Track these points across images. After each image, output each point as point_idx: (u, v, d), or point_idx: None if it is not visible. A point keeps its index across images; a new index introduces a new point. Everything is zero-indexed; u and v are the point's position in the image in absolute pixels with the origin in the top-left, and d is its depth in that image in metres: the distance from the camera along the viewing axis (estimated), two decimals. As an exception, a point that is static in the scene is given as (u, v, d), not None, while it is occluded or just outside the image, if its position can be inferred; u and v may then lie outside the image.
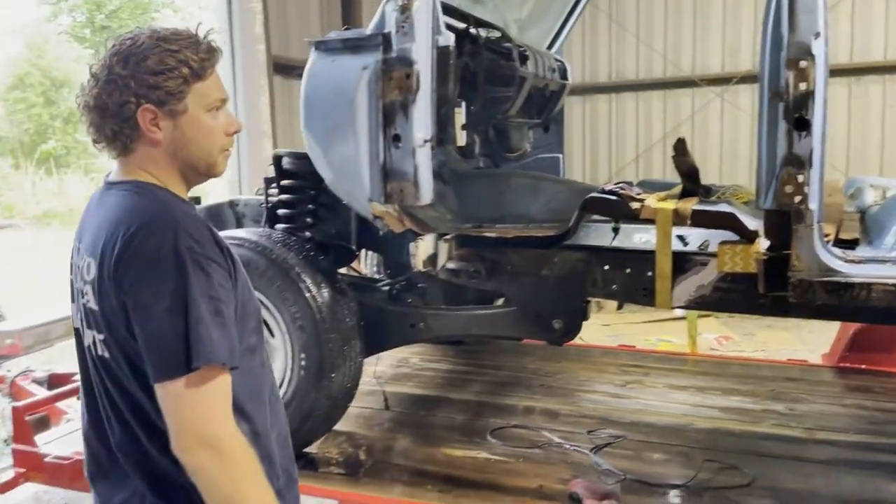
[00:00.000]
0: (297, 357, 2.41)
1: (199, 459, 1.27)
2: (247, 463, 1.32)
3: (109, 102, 1.36)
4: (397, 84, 2.27)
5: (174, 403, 1.28)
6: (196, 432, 1.28)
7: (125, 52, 1.37)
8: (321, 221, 2.84)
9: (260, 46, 5.80)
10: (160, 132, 1.38)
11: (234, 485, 1.30)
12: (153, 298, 1.28)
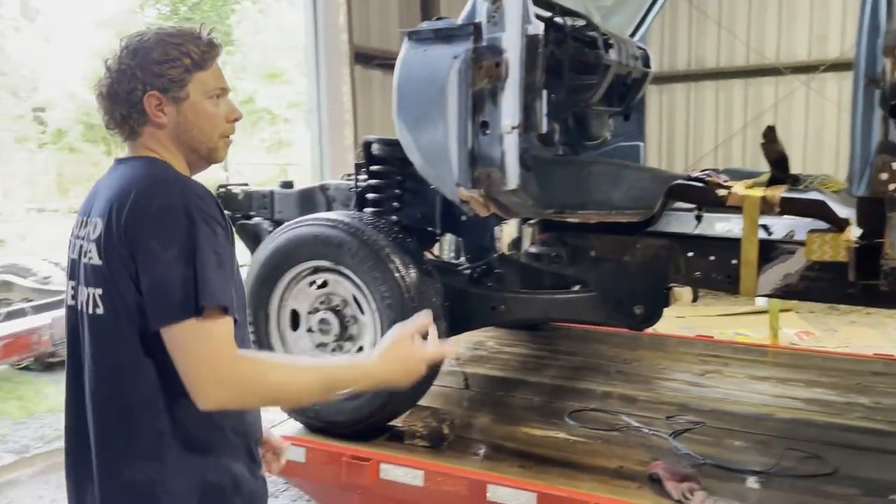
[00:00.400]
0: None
1: (219, 398, 1.35)
2: (265, 374, 1.38)
3: (119, 90, 1.48)
4: (487, 72, 2.34)
5: (184, 346, 1.35)
6: (208, 376, 1.34)
7: (133, 46, 1.49)
8: (407, 205, 2.96)
9: (343, 37, 5.96)
10: (165, 117, 1.49)
11: (271, 394, 1.40)
12: (162, 247, 1.37)
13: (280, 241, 2.71)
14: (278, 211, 3.35)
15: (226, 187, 3.46)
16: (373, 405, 2.55)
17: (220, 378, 1.34)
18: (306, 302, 2.74)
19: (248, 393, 1.38)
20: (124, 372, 1.43)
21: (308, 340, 2.74)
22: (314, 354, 2.72)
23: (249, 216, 3.41)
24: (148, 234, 1.39)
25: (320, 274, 2.71)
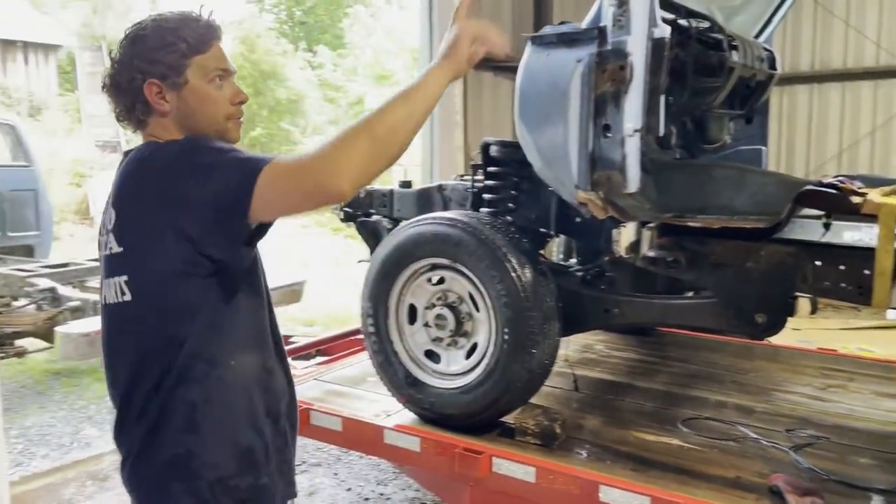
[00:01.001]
0: (501, 331, 2.58)
1: (342, 182, 1.35)
2: (345, 141, 1.37)
3: (121, 81, 1.51)
4: (611, 76, 2.35)
5: (281, 186, 1.37)
6: (312, 184, 1.36)
7: (132, 35, 1.53)
8: (522, 206, 3.00)
9: (456, 40, 6.06)
10: (167, 104, 1.51)
11: (376, 144, 1.38)
12: (202, 173, 1.40)
13: (401, 238, 2.82)
14: (397, 209, 3.48)
15: (348, 185, 3.61)
16: (485, 400, 2.62)
17: (318, 186, 1.36)
18: (423, 297, 2.83)
19: (356, 162, 1.36)
20: (151, 354, 1.46)
21: (424, 335, 2.83)
22: (430, 349, 2.82)
23: (369, 213, 3.56)
24: (179, 179, 1.41)
25: (438, 271, 2.80)
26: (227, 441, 1.50)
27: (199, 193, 1.39)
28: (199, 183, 1.40)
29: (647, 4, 2.30)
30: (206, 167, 1.41)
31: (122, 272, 1.47)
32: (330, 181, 1.35)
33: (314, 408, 2.94)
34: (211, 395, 1.48)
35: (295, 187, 1.38)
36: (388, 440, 2.74)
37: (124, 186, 1.51)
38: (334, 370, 3.53)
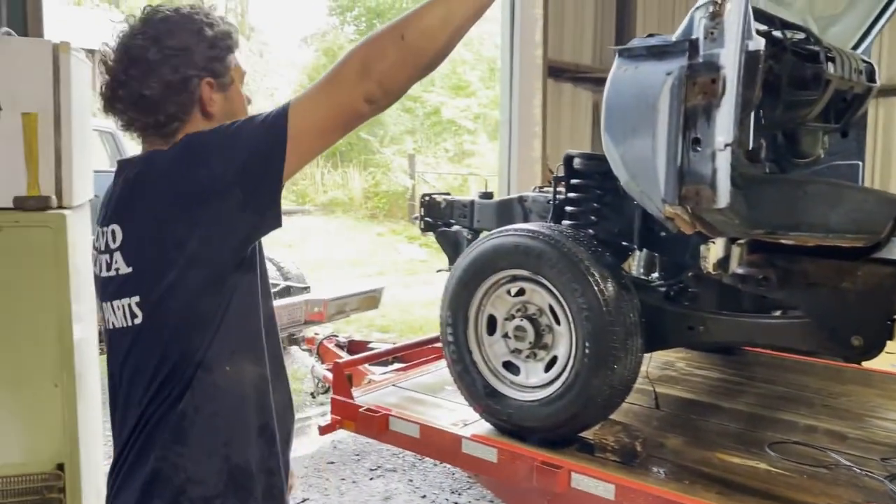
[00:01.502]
0: (582, 345, 2.56)
1: (379, 75, 1.23)
2: (370, 48, 1.24)
3: (174, 78, 1.36)
4: (702, 89, 2.31)
5: (307, 115, 1.25)
6: (341, 100, 1.24)
7: (173, 25, 1.39)
8: (605, 219, 2.98)
9: (538, 51, 6.07)
10: (215, 105, 1.41)
11: (414, 43, 1.23)
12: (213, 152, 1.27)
13: (482, 248, 2.84)
14: (477, 220, 3.50)
15: (430, 196, 3.67)
16: (565, 414, 2.60)
17: (364, 71, 1.23)
18: (503, 308, 2.84)
19: (384, 69, 1.23)
20: (168, 371, 1.34)
21: (503, 346, 2.84)
22: (508, 360, 2.82)
23: (450, 224, 3.60)
24: (191, 171, 1.28)
25: (518, 282, 2.80)
26: (216, 455, 1.36)
27: (222, 169, 1.27)
28: (220, 159, 1.27)
29: (741, 17, 2.25)
30: (221, 143, 1.28)
31: (133, 293, 1.34)
32: (358, 89, 1.23)
33: (393, 413, 2.99)
34: (203, 402, 1.35)
35: (325, 106, 1.25)
36: (465, 449, 2.76)
37: (127, 202, 1.37)
38: (412, 377, 3.58)
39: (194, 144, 1.31)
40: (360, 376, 3.68)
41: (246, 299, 1.39)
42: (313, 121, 1.26)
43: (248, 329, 1.42)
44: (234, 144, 1.27)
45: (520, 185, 6.22)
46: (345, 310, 5.18)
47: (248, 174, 1.26)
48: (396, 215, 16.88)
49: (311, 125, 1.26)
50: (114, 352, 1.42)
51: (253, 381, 1.42)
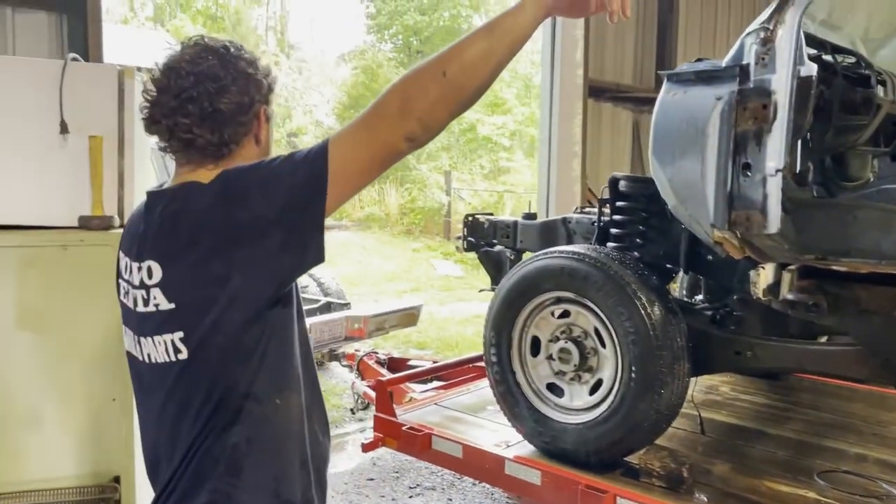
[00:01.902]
0: (628, 369, 2.55)
1: (410, 125, 1.22)
2: (412, 84, 1.24)
3: (245, 101, 1.38)
4: (752, 114, 2.31)
5: (347, 151, 1.24)
6: (382, 137, 1.23)
7: (239, 52, 1.41)
8: (650, 242, 2.97)
9: (578, 71, 6.09)
10: (264, 133, 1.43)
11: (455, 79, 1.22)
12: (259, 190, 1.25)
13: (527, 270, 2.85)
14: (520, 241, 3.52)
15: (473, 216, 3.70)
16: (609, 438, 2.59)
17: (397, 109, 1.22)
18: (547, 330, 2.85)
19: (425, 107, 1.22)
20: (214, 404, 1.33)
21: (547, 367, 2.84)
22: (552, 382, 2.82)
23: (493, 244, 3.62)
24: (240, 205, 1.27)
25: (563, 304, 2.80)
26: (268, 490, 1.37)
27: (263, 210, 1.25)
28: (261, 198, 1.26)
29: (792, 43, 2.25)
30: (262, 182, 1.27)
31: (177, 329, 1.32)
32: (399, 128, 1.22)
33: (435, 433, 3.01)
34: (254, 434, 1.34)
35: (365, 145, 1.24)
36: (508, 471, 2.76)
37: (166, 240, 1.34)
38: (453, 396, 3.59)
39: (234, 181, 1.29)
40: (402, 394, 3.71)
41: (284, 332, 1.38)
42: (353, 160, 1.25)
43: (289, 359, 1.41)
44: (274, 184, 1.25)
45: (559, 205, 6.23)
46: (384, 326, 5.22)
47: (289, 215, 1.25)
48: (432, 231, 16.95)
49: (352, 164, 1.25)
50: (152, 385, 1.40)
51: (297, 414, 1.42)
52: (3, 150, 2.29)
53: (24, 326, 2.27)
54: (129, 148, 2.33)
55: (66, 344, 2.30)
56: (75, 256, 2.28)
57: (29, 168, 2.29)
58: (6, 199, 2.28)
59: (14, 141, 2.28)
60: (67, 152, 2.30)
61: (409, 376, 3.73)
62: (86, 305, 2.28)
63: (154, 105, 1.37)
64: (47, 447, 2.35)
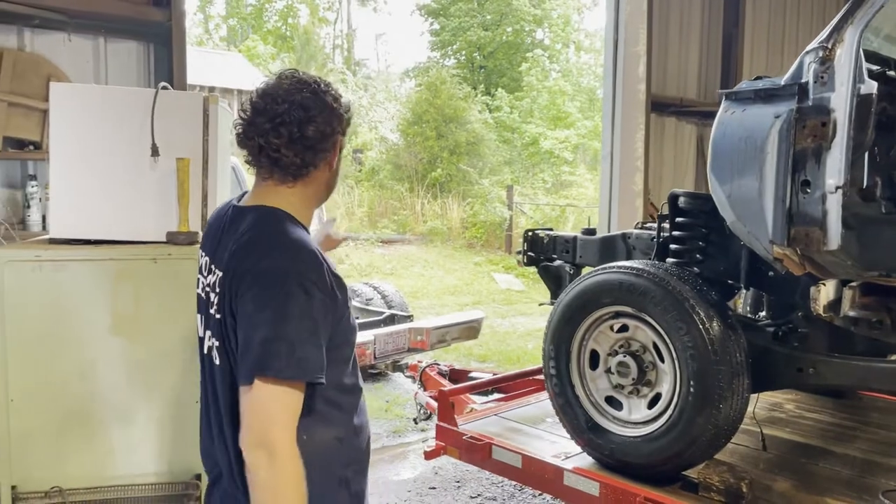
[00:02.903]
0: (687, 383, 2.58)
1: (255, 458, 1.41)
2: (293, 476, 1.42)
3: (327, 130, 1.55)
4: (811, 132, 2.33)
5: (247, 404, 1.43)
6: (258, 434, 1.40)
7: (322, 86, 1.58)
8: (710, 258, 2.99)
9: (640, 86, 6.10)
10: (337, 162, 1.61)
11: (276, 492, 1.41)
12: (255, 310, 1.43)
13: (586, 284, 2.91)
14: (580, 256, 3.58)
15: (533, 231, 3.77)
16: (668, 452, 2.62)
17: (261, 442, 1.40)
18: (606, 344, 2.90)
19: (266, 471, 1.40)
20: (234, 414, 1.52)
21: (606, 381, 2.89)
22: (611, 395, 2.87)
23: (552, 259, 3.69)
24: (247, 295, 1.45)
25: (621, 319, 2.85)
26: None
27: (245, 321, 1.47)
28: (250, 317, 1.46)
29: (852, 61, 2.27)
30: (271, 314, 1.43)
31: (217, 337, 1.55)
32: (248, 445, 1.43)
33: (496, 443, 3.09)
34: (310, 435, 1.54)
35: (251, 416, 1.43)
36: (567, 482, 2.82)
37: (234, 260, 1.52)
38: (513, 408, 3.66)
39: (264, 277, 1.46)
40: (463, 405, 3.80)
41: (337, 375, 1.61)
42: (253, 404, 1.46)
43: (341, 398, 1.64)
44: (257, 318, 1.45)
45: (620, 220, 6.22)
46: (446, 339, 5.33)
47: (246, 334, 1.49)
48: (493, 245, 17.02)
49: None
50: (203, 372, 1.65)
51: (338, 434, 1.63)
52: (102, 171, 2.51)
53: (117, 332, 2.47)
54: (212, 168, 2.52)
55: (154, 348, 2.49)
56: (164, 268, 2.48)
57: (124, 188, 2.51)
58: (104, 217, 2.51)
59: (112, 163, 2.51)
60: (157, 173, 2.51)
61: (470, 387, 3.82)
62: (173, 313, 2.47)
63: (249, 125, 1.57)
64: (135, 446, 2.54)
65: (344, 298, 1.57)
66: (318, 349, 1.46)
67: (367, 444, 1.76)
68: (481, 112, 21.86)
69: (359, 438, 1.70)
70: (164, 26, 3.88)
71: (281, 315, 1.42)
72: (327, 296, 1.49)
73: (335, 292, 1.53)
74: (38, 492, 2.45)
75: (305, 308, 1.44)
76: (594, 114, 20.10)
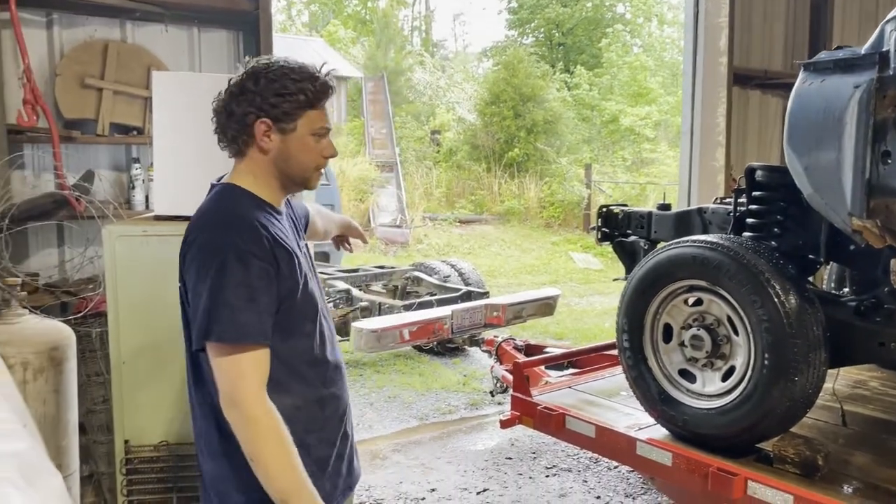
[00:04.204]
0: (761, 357, 2.58)
1: (230, 418, 1.54)
2: (268, 428, 1.53)
3: (236, 110, 1.65)
4: (892, 102, 2.28)
5: (214, 369, 1.57)
6: (228, 393, 1.54)
7: (257, 71, 1.65)
8: (788, 232, 2.96)
9: (722, 59, 5.95)
10: (270, 143, 1.65)
11: (255, 444, 1.53)
12: (198, 280, 1.56)
13: (660, 258, 2.94)
14: (655, 231, 3.59)
15: (607, 207, 3.80)
16: (742, 424, 2.64)
17: (232, 401, 1.54)
18: (680, 318, 2.92)
19: (242, 427, 1.54)
20: (199, 384, 1.70)
21: (679, 354, 2.92)
22: (684, 368, 2.90)
23: (627, 234, 3.71)
24: (191, 268, 1.60)
25: (695, 293, 2.86)
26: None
27: (191, 292, 1.63)
28: (195, 287, 1.60)
29: (937, 27, 2.21)
30: (209, 284, 1.56)
31: (183, 308, 1.75)
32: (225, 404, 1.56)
33: (570, 413, 3.17)
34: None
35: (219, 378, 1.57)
36: (640, 451, 2.87)
37: (188, 232, 1.68)
38: (587, 381, 3.72)
39: (201, 251, 1.60)
40: (537, 378, 3.88)
41: (290, 343, 1.73)
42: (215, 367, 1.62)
43: (285, 368, 1.73)
44: (198, 289, 1.59)
45: (700, 196, 6.11)
46: (522, 315, 5.39)
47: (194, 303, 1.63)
48: (571, 224, 16.90)
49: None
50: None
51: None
52: (199, 152, 2.70)
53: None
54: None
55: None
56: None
57: (219, 168, 2.69)
58: (202, 195, 2.69)
59: (208, 145, 2.66)
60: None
61: (544, 359, 3.90)
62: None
63: None
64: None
65: (291, 271, 1.67)
66: (258, 314, 1.56)
67: (336, 414, 1.86)
68: (559, 90, 21.63)
69: (323, 409, 1.80)
70: (252, 15, 4.08)
71: (219, 284, 1.53)
72: (269, 264, 1.59)
73: (277, 263, 1.62)
74: (147, 445, 2.70)
75: (242, 277, 1.54)
76: (677, 89, 19.55)
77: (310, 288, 1.75)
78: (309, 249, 1.93)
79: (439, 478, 4.34)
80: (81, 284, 3.59)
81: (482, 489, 4.19)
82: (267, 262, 1.59)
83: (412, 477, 4.36)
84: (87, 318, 3.34)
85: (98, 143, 3.86)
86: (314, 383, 1.78)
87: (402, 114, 20.82)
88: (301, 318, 1.72)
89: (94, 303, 3.34)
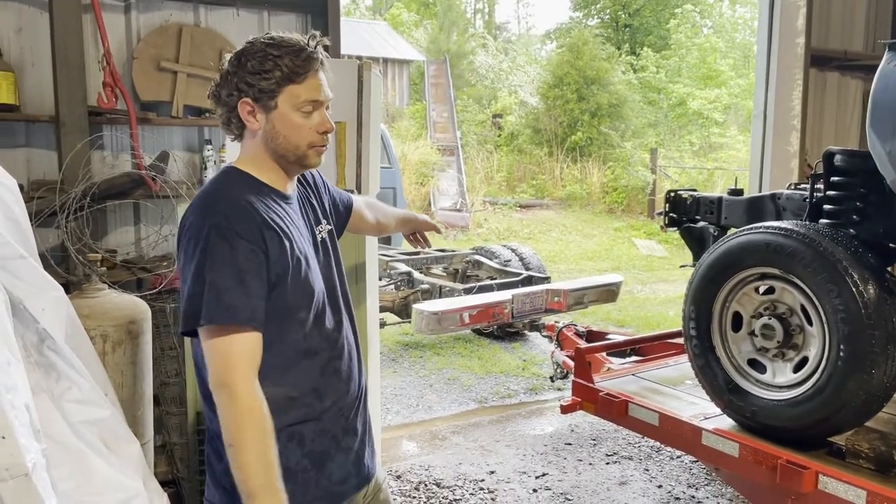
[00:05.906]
0: (836, 348, 2.50)
1: (218, 398, 1.51)
2: (251, 412, 1.49)
3: (221, 94, 1.63)
4: None
5: (204, 349, 1.54)
6: (217, 376, 1.51)
7: (239, 52, 1.62)
8: (869, 219, 2.83)
9: (799, 40, 5.72)
10: (256, 123, 1.61)
11: (237, 431, 1.48)
12: (185, 262, 1.54)
13: (730, 245, 2.86)
14: (725, 217, 3.49)
15: (675, 192, 3.71)
16: (814, 417, 2.56)
17: (221, 383, 1.51)
18: (750, 306, 2.84)
19: (226, 409, 1.50)
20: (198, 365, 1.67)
21: (748, 343, 2.84)
22: (754, 357, 2.82)
23: (695, 220, 3.62)
24: (181, 246, 1.59)
25: (767, 280, 2.78)
26: None
27: (180, 273, 1.60)
28: (183, 268, 1.58)
29: None
30: (195, 266, 1.53)
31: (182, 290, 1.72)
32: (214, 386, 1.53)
33: (633, 400, 3.13)
34: None
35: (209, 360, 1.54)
36: (705, 441, 2.82)
37: (184, 214, 1.66)
38: (651, 369, 3.67)
39: (187, 232, 1.58)
40: (599, 364, 3.84)
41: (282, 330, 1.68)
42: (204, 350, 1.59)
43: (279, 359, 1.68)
44: (185, 271, 1.56)
45: (773, 182, 5.91)
46: (583, 301, 5.33)
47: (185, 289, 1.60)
48: (635, 210, 16.59)
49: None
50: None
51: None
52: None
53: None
54: (365, 131, 2.71)
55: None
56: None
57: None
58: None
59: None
60: (318, 136, 2.73)
61: (607, 346, 3.86)
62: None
63: None
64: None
65: (280, 254, 1.60)
66: (247, 296, 1.51)
67: (336, 405, 1.75)
68: (625, 73, 21.18)
69: (322, 400, 1.71)
70: (320, -1, 4.13)
71: (204, 264, 1.51)
72: (256, 246, 1.54)
73: (266, 244, 1.57)
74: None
75: (228, 257, 1.51)
76: (748, 71, 18.92)
77: (303, 273, 1.65)
78: (332, 237, 1.87)
79: (498, 461, 4.36)
80: (156, 261, 3.73)
81: (541, 473, 4.20)
82: (254, 243, 1.54)
83: (471, 458, 4.39)
84: (162, 293, 3.47)
85: (172, 125, 3.98)
86: (310, 373, 1.70)
87: (463, 97, 20.76)
88: (297, 306, 1.65)
89: (168, 279, 3.46)
